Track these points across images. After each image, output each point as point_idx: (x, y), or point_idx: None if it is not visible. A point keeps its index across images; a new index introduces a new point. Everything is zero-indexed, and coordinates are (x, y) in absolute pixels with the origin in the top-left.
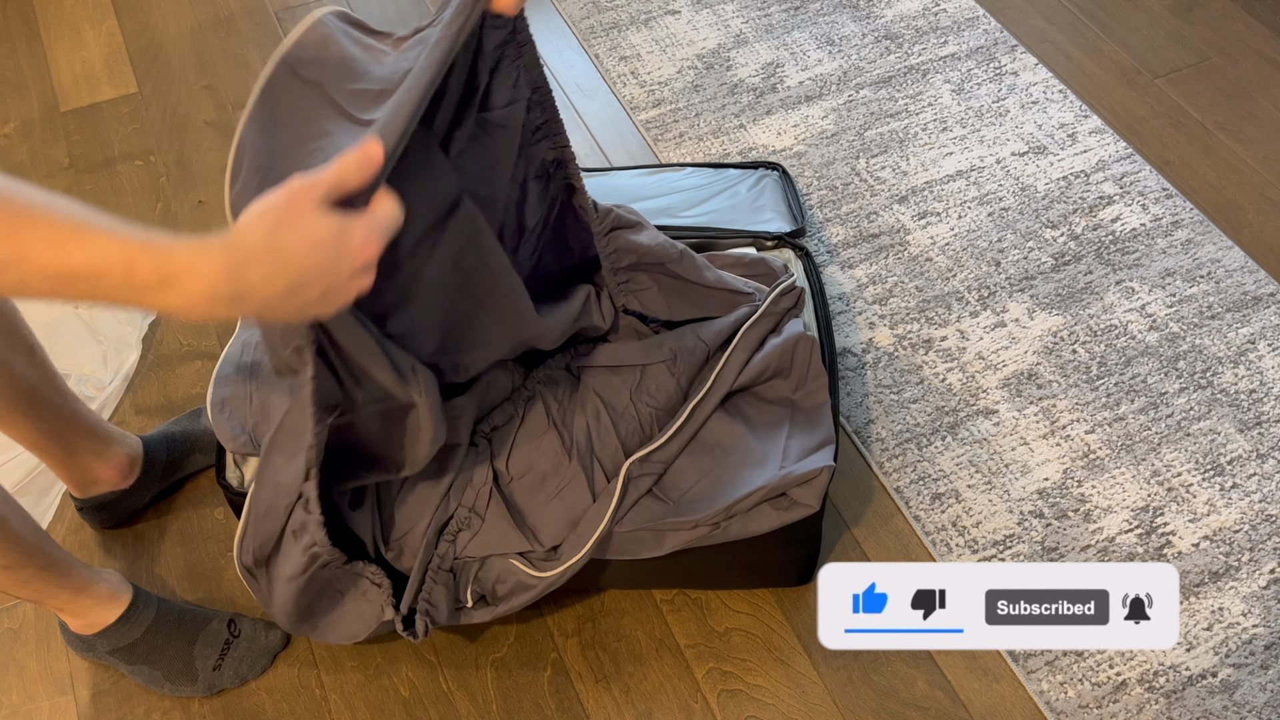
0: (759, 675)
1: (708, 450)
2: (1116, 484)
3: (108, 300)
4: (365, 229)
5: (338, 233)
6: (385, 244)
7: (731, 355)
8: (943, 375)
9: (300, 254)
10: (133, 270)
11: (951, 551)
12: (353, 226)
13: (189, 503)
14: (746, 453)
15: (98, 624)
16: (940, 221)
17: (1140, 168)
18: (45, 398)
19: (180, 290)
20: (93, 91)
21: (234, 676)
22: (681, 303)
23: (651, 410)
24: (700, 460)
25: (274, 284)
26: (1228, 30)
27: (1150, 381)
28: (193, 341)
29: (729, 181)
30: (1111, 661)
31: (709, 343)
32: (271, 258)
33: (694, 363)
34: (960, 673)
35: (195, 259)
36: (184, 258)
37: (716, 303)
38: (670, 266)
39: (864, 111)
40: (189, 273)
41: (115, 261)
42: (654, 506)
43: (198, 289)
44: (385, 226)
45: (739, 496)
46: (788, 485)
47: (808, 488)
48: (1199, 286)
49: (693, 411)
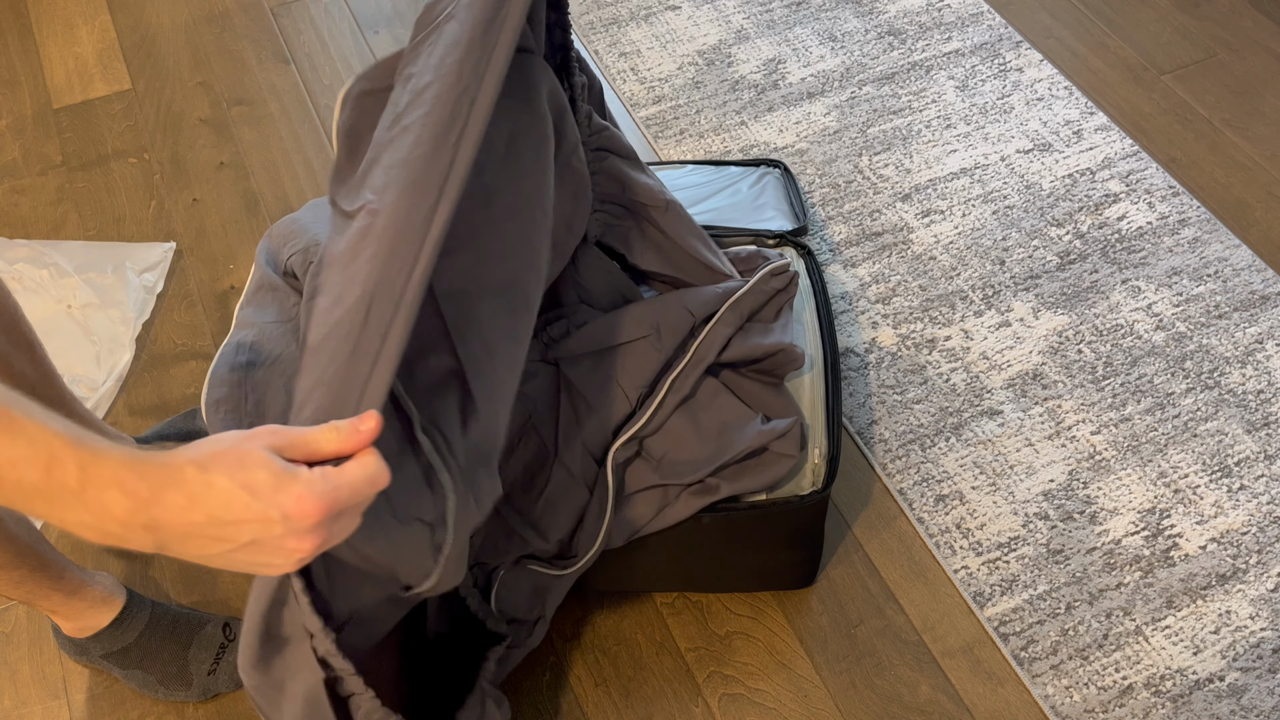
0: (761, 679)
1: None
2: (1123, 486)
3: (4, 499)
4: (307, 486)
5: (273, 481)
6: (338, 508)
7: (714, 328)
8: (946, 375)
9: (228, 486)
10: (55, 469)
11: (955, 554)
12: (293, 480)
13: None
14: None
15: (91, 627)
16: (944, 220)
17: (1146, 165)
18: (44, 396)
19: (94, 504)
20: (86, 88)
21: (229, 681)
22: (654, 256)
23: (636, 386)
24: (682, 422)
25: (192, 514)
26: (1235, 26)
27: (1157, 382)
28: (187, 341)
29: (730, 179)
30: (1118, 665)
31: (695, 313)
32: (197, 485)
33: (679, 334)
34: (964, 677)
35: (118, 473)
36: (108, 470)
37: (689, 269)
38: (653, 214)
39: (867, 108)
40: (110, 486)
41: (37, 453)
42: (640, 467)
43: (114, 505)
44: (340, 488)
45: (725, 460)
46: (767, 440)
47: (786, 440)
48: (1206, 285)
49: (672, 384)
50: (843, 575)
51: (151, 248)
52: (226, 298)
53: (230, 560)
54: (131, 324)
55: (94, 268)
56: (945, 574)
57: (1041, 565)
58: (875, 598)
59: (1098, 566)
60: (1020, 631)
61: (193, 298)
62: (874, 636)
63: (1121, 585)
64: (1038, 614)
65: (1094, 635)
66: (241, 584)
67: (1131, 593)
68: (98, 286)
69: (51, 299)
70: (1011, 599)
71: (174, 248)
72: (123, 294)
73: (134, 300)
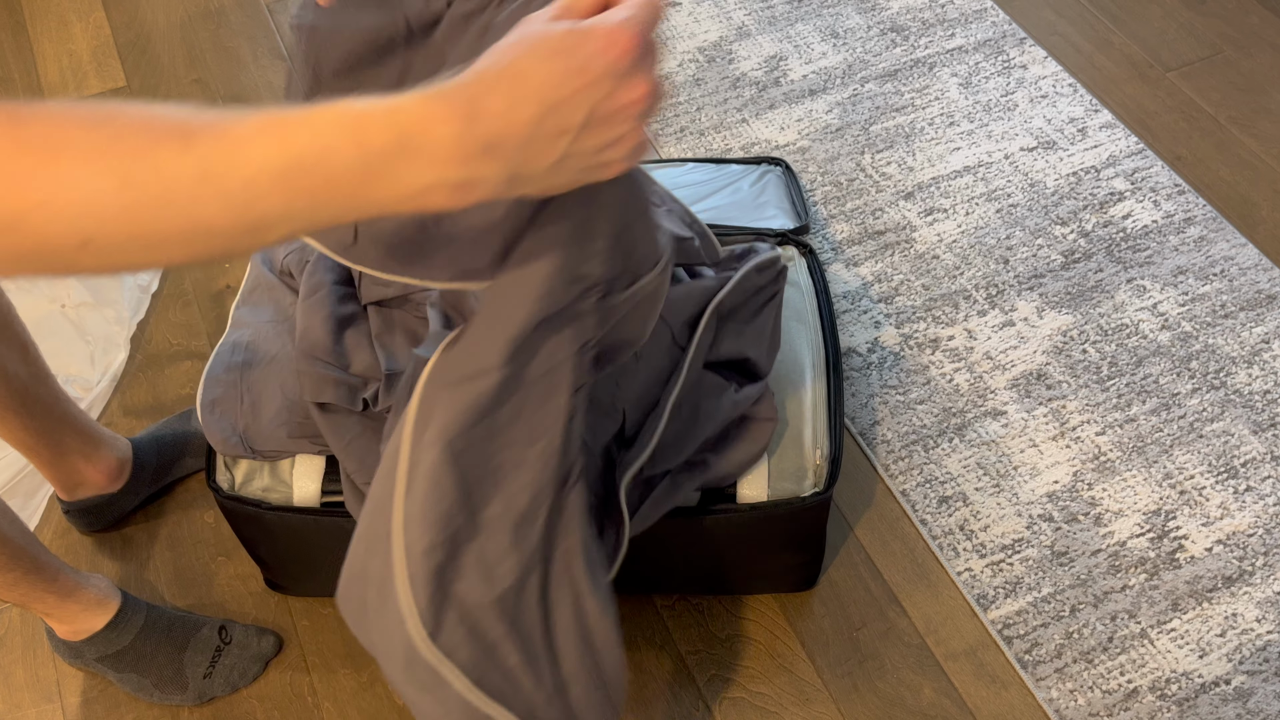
0: (762, 682)
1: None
2: (1128, 487)
3: (331, 194)
4: (605, 23)
5: (574, 36)
6: (645, 29)
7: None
8: (950, 375)
9: (537, 64)
10: (365, 137)
11: (959, 556)
12: (590, 26)
13: (179, 506)
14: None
15: (85, 630)
16: (947, 218)
17: (1152, 163)
18: (37, 396)
19: (423, 150)
20: (80, 85)
21: (225, 684)
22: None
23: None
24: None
25: (521, 111)
26: (1241, 23)
27: (1162, 382)
28: (182, 341)
29: (731, 177)
30: (1123, 669)
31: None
32: (508, 79)
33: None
34: (967, 680)
35: (427, 106)
36: (414, 108)
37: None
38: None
39: (869, 106)
40: (427, 121)
41: (341, 133)
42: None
43: (443, 140)
44: (634, 8)
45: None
46: (744, 407)
47: (763, 404)
48: (1212, 285)
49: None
50: (845, 577)
51: None
52: (222, 297)
53: (579, 159)
54: (126, 323)
55: None
56: (948, 576)
57: (1046, 567)
58: (878, 600)
59: (1103, 569)
60: (1024, 634)
61: (188, 297)
62: (876, 639)
63: (1127, 588)
64: (1042, 617)
65: (1099, 638)
66: (237, 586)
67: (1137, 595)
68: (92, 285)
69: (45, 298)
70: (1015, 601)
71: None
72: (117, 293)
73: (128, 299)
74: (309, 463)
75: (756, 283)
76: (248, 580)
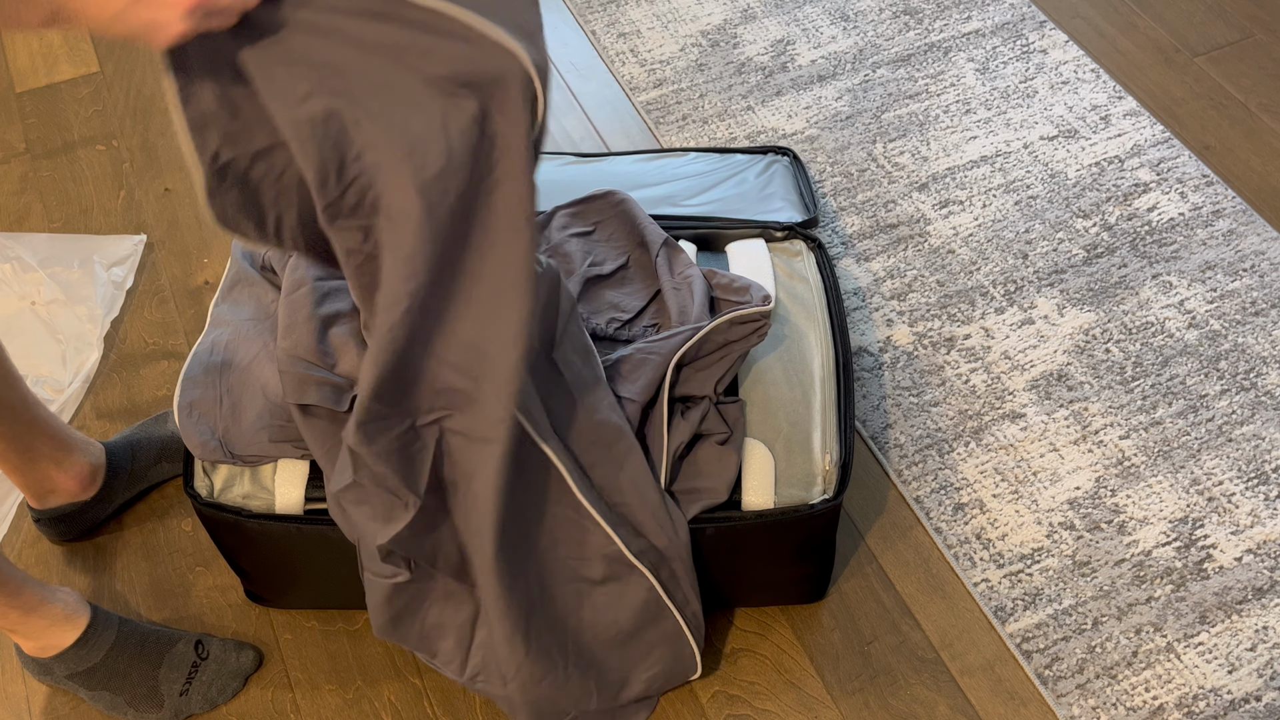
0: (768, 699)
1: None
2: (1153, 493)
3: None
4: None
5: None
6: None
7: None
8: (966, 376)
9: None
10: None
11: (975, 566)
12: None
13: (154, 513)
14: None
15: (54, 647)
16: (963, 211)
17: (1179, 153)
18: (5, 400)
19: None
20: (51, 71)
21: (202, 701)
22: None
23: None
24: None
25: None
26: (1273, 4)
27: (1189, 383)
28: (158, 340)
29: (736, 168)
30: (1148, 684)
31: (640, 401)
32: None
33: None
34: (985, 697)
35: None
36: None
37: None
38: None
39: (881, 92)
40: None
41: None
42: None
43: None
44: None
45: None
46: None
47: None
48: (1242, 281)
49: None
50: (855, 589)
51: (121, 240)
52: (200, 294)
53: (125, 15)
54: (99, 321)
55: (60, 261)
56: (964, 587)
57: (1067, 578)
58: (890, 612)
59: (1126, 579)
60: (1044, 649)
61: (165, 294)
62: (888, 654)
63: (1152, 599)
64: (1063, 630)
65: (1123, 653)
66: (216, 598)
67: (1162, 607)
68: (64, 282)
69: (14, 295)
70: (1035, 614)
71: (145, 240)
72: (90, 289)
73: (102, 296)
74: (292, 468)
75: (728, 337)
76: (227, 591)
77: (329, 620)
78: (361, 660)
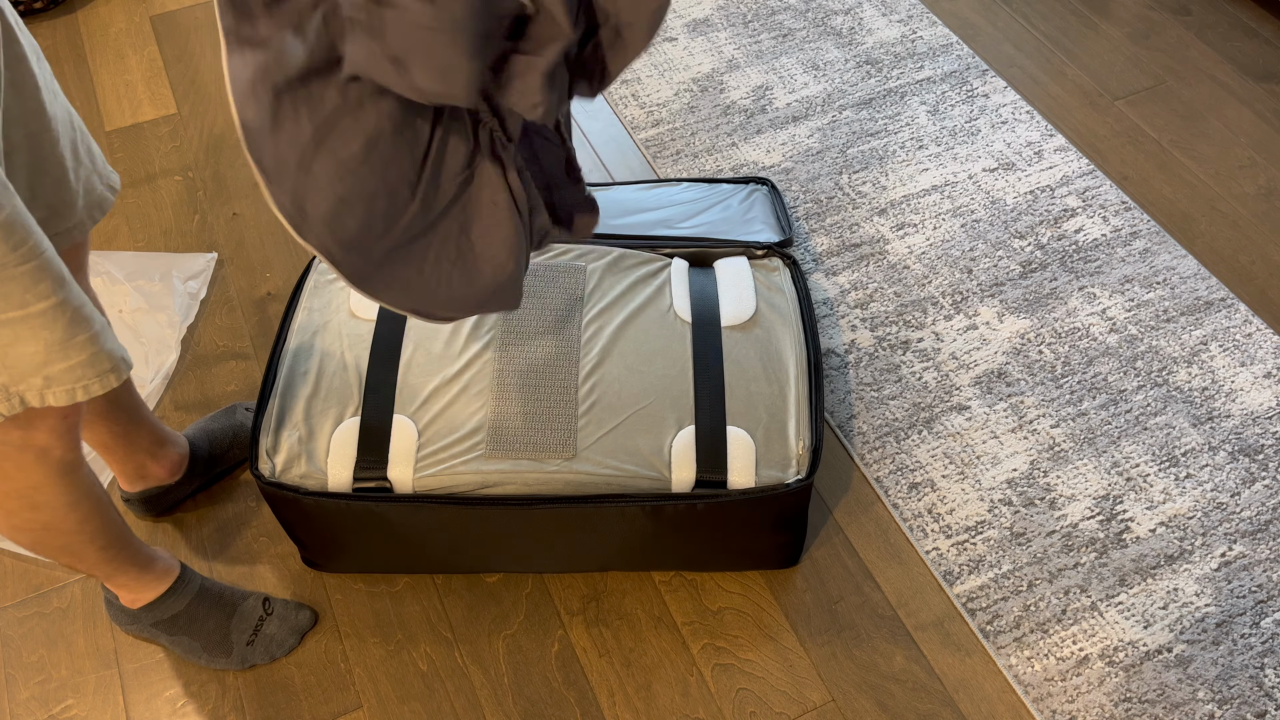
0: (750, 650)
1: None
2: (1079, 474)
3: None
4: None
5: None
6: None
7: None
8: (919, 374)
9: None
10: None
11: (927, 536)
12: None
13: (226, 493)
14: None
15: (145, 598)
16: (917, 232)
17: (1101, 183)
18: (122, 402)
19: None
20: (135, 112)
21: (264, 653)
22: None
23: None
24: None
25: None
26: (1182, 56)
27: (1111, 380)
28: (228, 343)
29: (722, 195)
30: (1075, 638)
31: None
32: None
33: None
34: (935, 649)
35: None
36: None
37: None
38: None
39: (846, 131)
40: None
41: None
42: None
43: None
44: None
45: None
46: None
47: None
48: (1155, 292)
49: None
50: (825, 556)
51: (195, 258)
52: (264, 304)
53: None
54: (177, 327)
55: (143, 276)
56: (918, 555)
57: (1005, 547)
58: (854, 576)
59: (1057, 548)
60: (986, 607)
61: (233, 303)
62: (853, 612)
63: (1079, 565)
64: (1002, 591)
65: (1053, 610)
66: (277, 564)
67: (1088, 572)
68: (146, 293)
69: (105, 305)
70: (978, 577)
71: (215, 258)
72: (169, 300)
73: (179, 305)
74: (342, 451)
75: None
76: (286, 559)
77: (374, 582)
78: (402, 617)
